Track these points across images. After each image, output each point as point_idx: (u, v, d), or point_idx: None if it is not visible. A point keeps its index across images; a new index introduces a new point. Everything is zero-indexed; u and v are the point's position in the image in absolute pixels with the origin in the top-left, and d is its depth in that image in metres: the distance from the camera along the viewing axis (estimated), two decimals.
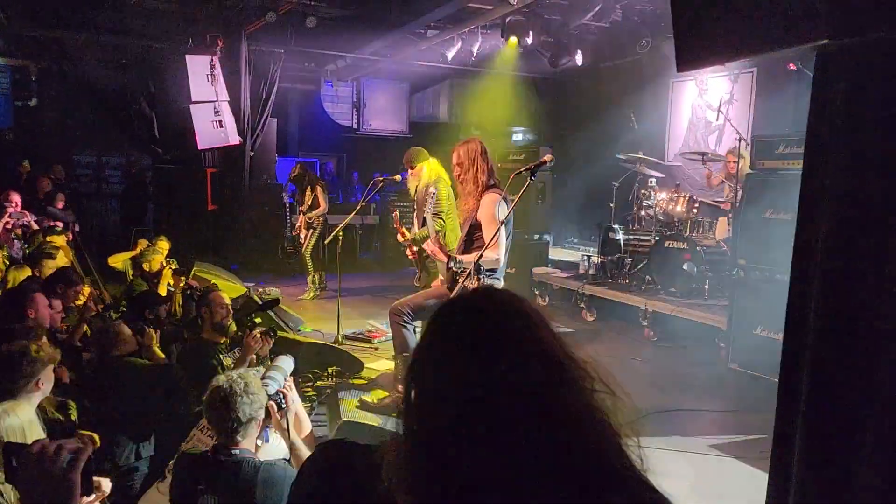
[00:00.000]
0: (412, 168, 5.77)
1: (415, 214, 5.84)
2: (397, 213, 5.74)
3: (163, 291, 5.73)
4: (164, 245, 6.62)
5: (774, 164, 5.62)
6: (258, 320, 5.01)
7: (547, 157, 3.69)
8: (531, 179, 3.43)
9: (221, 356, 4.06)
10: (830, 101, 2.48)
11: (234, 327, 4.29)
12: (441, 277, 4.61)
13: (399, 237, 5.41)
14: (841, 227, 2.61)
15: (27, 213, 7.93)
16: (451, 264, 3.94)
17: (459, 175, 4.17)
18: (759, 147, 5.88)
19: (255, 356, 3.82)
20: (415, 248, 5.46)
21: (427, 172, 5.64)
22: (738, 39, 1.68)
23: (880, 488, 2.33)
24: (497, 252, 3.89)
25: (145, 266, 6.16)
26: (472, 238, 4.11)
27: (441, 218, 5.47)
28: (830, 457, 2.70)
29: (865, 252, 2.56)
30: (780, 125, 7.58)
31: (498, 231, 3.80)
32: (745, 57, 1.67)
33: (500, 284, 4.02)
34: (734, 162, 6.95)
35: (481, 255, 3.64)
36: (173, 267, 6.07)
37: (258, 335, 3.83)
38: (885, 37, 1.43)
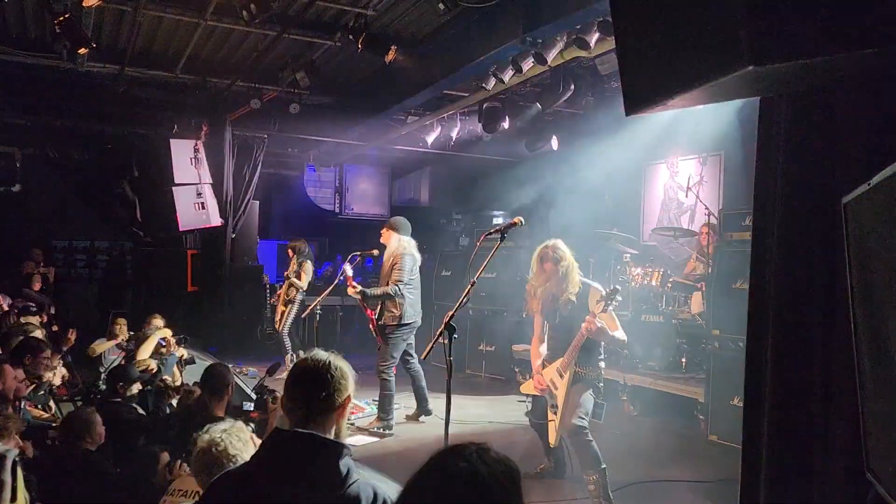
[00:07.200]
0: (386, 229, 6.23)
1: (380, 280, 6.35)
2: (348, 266, 6.22)
3: (145, 355, 5.64)
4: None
5: (741, 236, 5.79)
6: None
7: (517, 220, 3.81)
8: (501, 240, 3.55)
9: None
10: (774, 138, 2.63)
11: None
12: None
13: (349, 290, 6.14)
14: (790, 280, 2.71)
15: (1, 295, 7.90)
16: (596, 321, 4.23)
17: (560, 272, 4.34)
18: (727, 220, 6.07)
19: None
20: (372, 315, 6.22)
21: (396, 243, 6.12)
22: (676, 76, 1.81)
23: None
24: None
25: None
26: None
27: (399, 286, 5.98)
28: None
29: (815, 309, 2.65)
30: (748, 204, 7.79)
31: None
32: (683, 92, 1.79)
33: (603, 364, 4.67)
34: (706, 234, 7.12)
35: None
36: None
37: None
38: (810, 62, 1.55)
